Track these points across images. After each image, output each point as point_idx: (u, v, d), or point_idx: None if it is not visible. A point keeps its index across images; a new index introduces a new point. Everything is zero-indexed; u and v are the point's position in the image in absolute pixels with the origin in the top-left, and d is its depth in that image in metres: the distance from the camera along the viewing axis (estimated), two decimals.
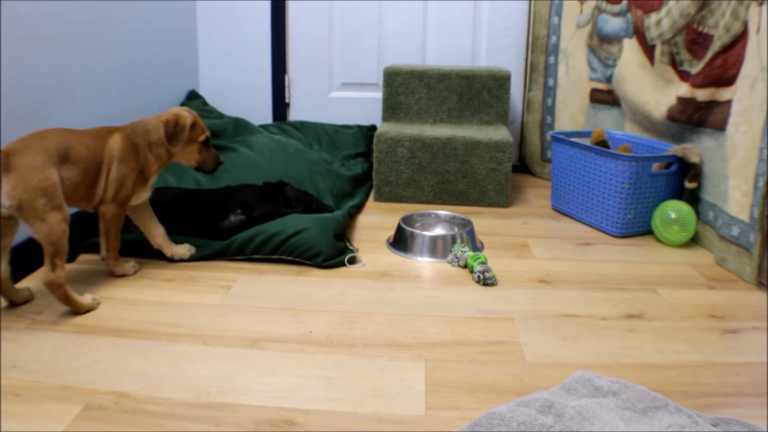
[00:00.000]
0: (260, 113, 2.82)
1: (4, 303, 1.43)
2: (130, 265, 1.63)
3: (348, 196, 2.21)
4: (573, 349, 1.28)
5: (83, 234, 1.72)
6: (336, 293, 1.53)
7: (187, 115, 1.60)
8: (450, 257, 1.74)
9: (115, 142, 1.51)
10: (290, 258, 1.68)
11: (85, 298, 1.41)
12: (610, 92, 2.35)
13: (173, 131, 1.58)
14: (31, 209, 1.30)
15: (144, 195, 1.61)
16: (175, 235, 1.77)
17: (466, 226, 1.90)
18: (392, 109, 2.49)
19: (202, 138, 1.64)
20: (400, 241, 1.84)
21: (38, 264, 1.63)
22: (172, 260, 1.69)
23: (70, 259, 1.68)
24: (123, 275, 1.60)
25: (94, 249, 1.73)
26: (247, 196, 1.85)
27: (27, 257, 1.59)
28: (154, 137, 1.58)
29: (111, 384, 1.12)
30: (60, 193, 1.35)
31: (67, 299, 1.37)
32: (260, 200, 1.84)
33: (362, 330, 1.35)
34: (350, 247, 1.78)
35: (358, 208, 2.18)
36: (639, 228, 1.99)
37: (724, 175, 1.79)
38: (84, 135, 1.47)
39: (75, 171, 1.41)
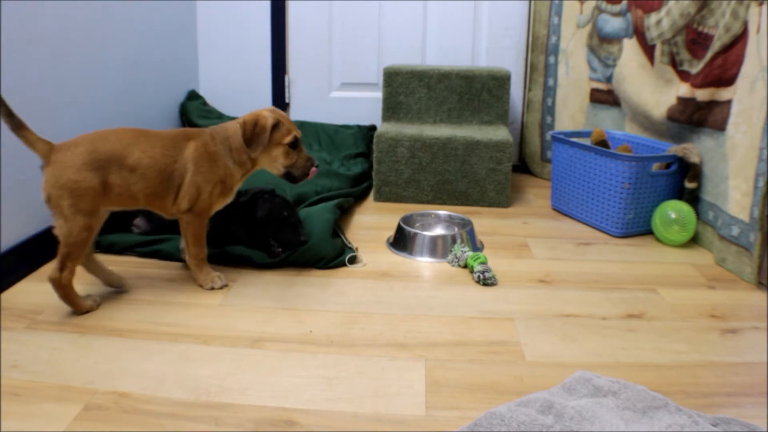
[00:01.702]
0: None
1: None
2: (214, 275, 1.53)
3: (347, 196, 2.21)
4: (573, 349, 1.28)
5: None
6: (336, 293, 1.53)
7: (269, 115, 1.46)
8: (450, 257, 1.74)
9: (190, 151, 1.43)
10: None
11: (86, 300, 1.40)
12: (610, 92, 2.35)
13: (252, 134, 1.44)
14: (57, 206, 1.31)
15: (221, 203, 1.53)
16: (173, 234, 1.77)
17: (466, 226, 1.90)
18: (392, 109, 2.49)
19: (288, 139, 1.48)
20: (400, 241, 1.84)
21: (36, 265, 1.63)
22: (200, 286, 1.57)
23: None
24: (207, 287, 1.52)
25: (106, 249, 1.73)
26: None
27: (23, 258, 1.59)
28: (235, 143, 1.46)
29: (111, 384, 1.12)
30: (93, 198, 1.33)
31: (68, 299, 1.36)
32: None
33: (362, 330, 1.35)
34: (349, 246, 1.78)
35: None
36: (639, 228, 1.99)
37: (724, 175, 1.79)
38: (153, 141, 1.42)
39: (132, 178, 1.38)
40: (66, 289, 1.35)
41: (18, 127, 1.27)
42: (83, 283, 1.56)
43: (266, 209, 1.67)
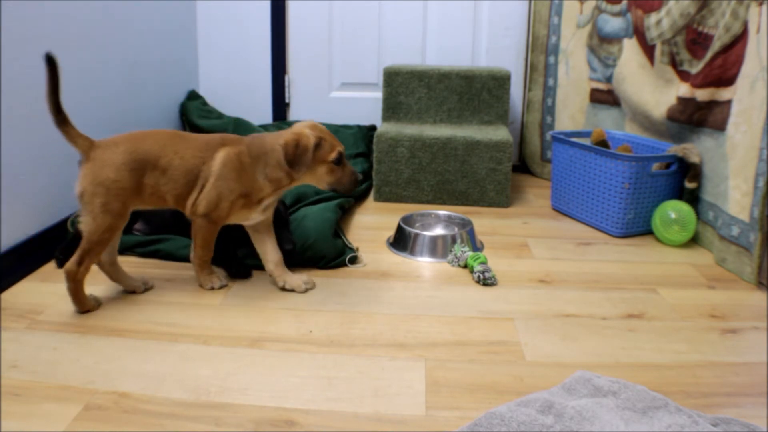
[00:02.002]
0: (260, 113, 2.82)
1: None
2: (214, 276, 1.53)
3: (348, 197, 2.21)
4: (573, 349, 1.28)
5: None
6: (336, 293, 1.53)
7: (310, 133, 1.40)
8: (450, 257, 1.74)
9: (220, 156, 1.41)
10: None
11: (89, 300, 1.41)
12: (610, 92, 2.36)
13: (294, 154, 1.38)
14: (88, 202, 1.32)
15: (254, 217, 1.48)
16: (171, 234, 1.77)
17: (466, 226, 1.90)
18: (392, 109, 2.49)
19: (332, 157, 1.42)
20: (400, 241, 1.84)
21: (36, 265, 1.63)
22: (283, 289, 1.54)
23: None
24: (207, 287, 1.52)
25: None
26: None
27: (23, 258, 1.59)
28: (272, 160, 1.41)
29: (111, 384, 1.12)
30: (125, 199, 1.34)
31: (76, 295, 1.37)
32: None
33: (362, 330, 1.35)
34: (349, 246, 1.78)
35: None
36: (639, 228, 1.99)
37: (724, 175, 1.79)
38: (187, 143, 1.42)
39: (163, 179, 1.38)
40: (77, 284, 1.36)
41: (62, 122, 1.29)
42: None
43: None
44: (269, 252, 1.53)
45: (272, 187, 1.44)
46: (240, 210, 1.45)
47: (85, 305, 1.39)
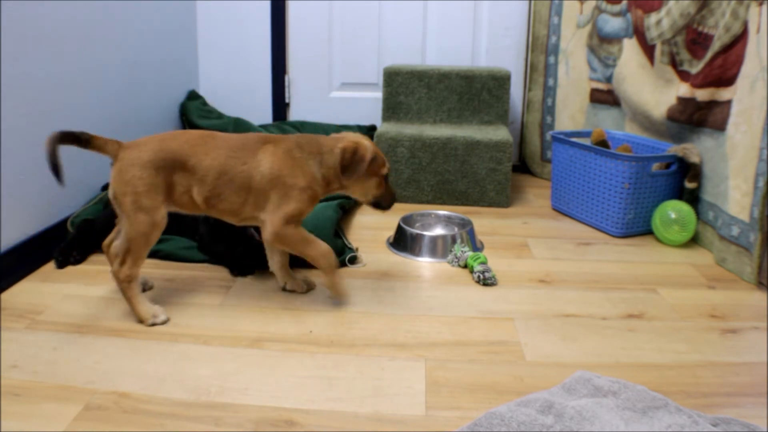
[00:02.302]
0: (260, 113, 2.82)
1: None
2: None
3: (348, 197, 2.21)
4: (573, 349, 1.28)
5: (88, 239, 1.70)
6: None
7: (368, 145, 1.43)
8: (450, 257, 1.74)
9: (267, 155, 1.37)
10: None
11: (147, 309, 1.35)
12: (610, 92, 2.35)
13: (350, 161, 1.39)
14: (121, 203, 1.32)
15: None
16: (172, 235, 1.77)
17: (466, 226, 1.90)
18: (392, 109, 2.49)
19: (383, 171, 1.46)
20: (400, 241, 1.84)
21: (36, 265, 1.63)
22: (284, 290, 1.54)
23: (79, 260, 1.67)
24: (340, 296, 1.46)
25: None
26: None
27: (23, 258, 1.59)
28: (328, 161, 1.41)
29: (111, 384, 1.12)
30: (154, 195, 1.32)
31: (127, 296, 1.36)
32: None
33: (362, 330, 1.35)
34: (349, 246, 1.78)
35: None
36: (639, 228, 1.99)
37: (724, 175, 1.79)
38: (220, 144, 1.37)
39: (192, 180, 1.35)
40: (124, 285, 1.34)
41: (87, 143, 1.29)
42: (84, 282, 1.56)
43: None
44: (277, 253, 1.52)
45: (327, 188, 1.44)
46: (307, 204, 1.40)
47: (137, 312, 1.35)
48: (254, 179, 1.36)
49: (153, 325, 1.35)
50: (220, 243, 1.65)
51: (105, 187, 1.95)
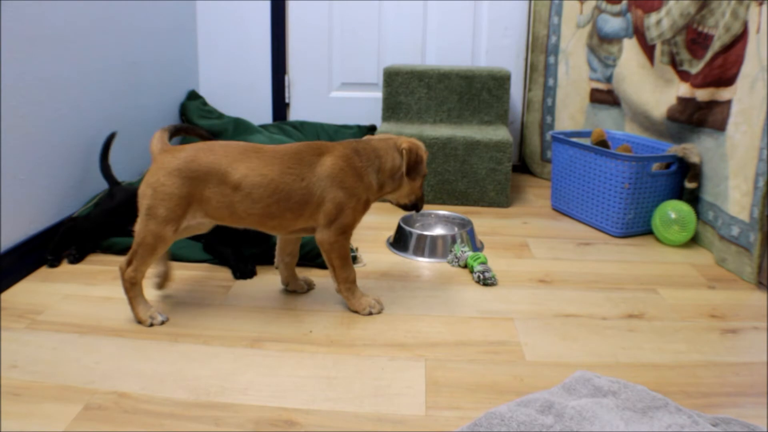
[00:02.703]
0: (260, 113, 2.82)
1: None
2: (371, 299, 1.43)
3: None
4: (573, 349, 1.28)
5: (68, 242, 1.69)
6: (336, 293, 1.52)
7: (421, 144, 1.44)
8: (450, 257, 1.74)
9: (326, 167, 1.32)
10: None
11: (145, 310, 1.34)
12: (610, 92, 2.36)
13: (415, 162, 1.40)
14: (139, 204, 1.31)
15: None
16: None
17: (466, 226, 1.90)
18: (392, 109, 2.49)
19: (425, 173, 1.47)
20: (400, 241, 1.84)
21: (36, 265, 1.63)
22: (285, 290, 1.54)
23: (78, 259, 1.67)
24: (365, 312, 1.41)
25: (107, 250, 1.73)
26: None
27: (23, 258, 1.59)
28: (387, 165, 1.39)
29: (111, 384, 1.12)
30: (173, 206, 1.27)
31: (129, 298, 1.34)
32: None
33: (362, 330, 1.35)
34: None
35: None
36: (639, 228, 1.99)
37: (724, 175, 1.79)
38: (268, 158, 1.31)
39: (236, 197, 1.29)
40: (126, 285, 1.32)
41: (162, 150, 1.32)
42: (84, 282, 1.56)
43: None
44: (287, 253, 1.50)
45: (378, 194, 1.42)
46: (360, 215, 1.39)
47: (135, 312, 1.34)
48: (314, 195, 1.31)
49: (151, 326, 1.34)
50: (228, 246, 1.65)
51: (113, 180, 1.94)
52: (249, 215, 1.31)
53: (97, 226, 1.71)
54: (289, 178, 1.30)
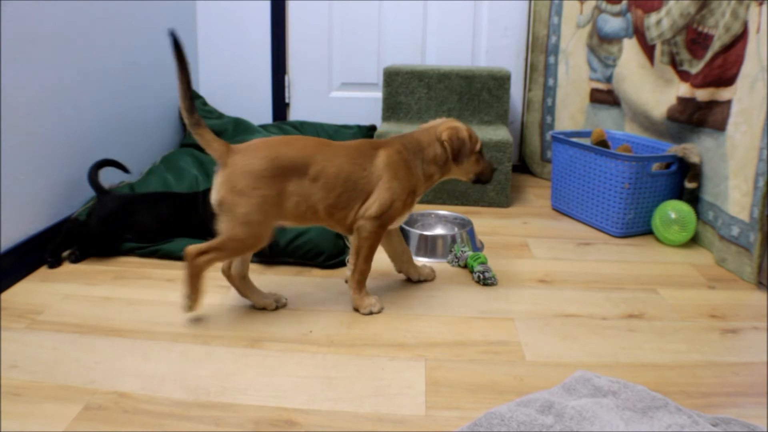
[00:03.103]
0: (260, 113, 2.82)
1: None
2: (373, 299, 1.43)
3: None
4: (573, 349, 1.28)
5: (66, 243, 1.69)
6: (336, 293, 1.53)
7: (461, 125, 1.45)
8: (450, 257, 1.74)
9: (382, 159, 1.37)
10: (291, 259, 1.68)
11: (197, 297, 1.32)
12: (610, 92, 2.36)
13: (458, 147, 1.43)
14: (228, 211, 1.25)
15: (404, 218, 1.47)
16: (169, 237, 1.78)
17: (466, 226, 1.90)
18: (392, 109, 2.49)
19: (478, 147, 1.49)
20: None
21: (36, 264, 1.63)
22: (418, 280, 1.58)
23: (79, 258, 1.67)
24: (365, 311, 1.41)
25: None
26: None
27: (23, 258, 1.59)
28: (429, 155, 1.43)
29: (111, 384, 1.12)
30: (268, 209, 1.26)
31: (187, 281, 1.30)
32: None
33: (362, 330, 1.35)
34: (350, 246, 1.77)
35: None
36: (639, 228, 1.99)
37: (724, 175, 1.79)
38: (337, 151, 1.35)
39: (313, 188, 1.31)
40: (193, 270, 1.28)
41: (196, 124, 1.24)
42: (83, 282, 1.56)
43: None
44: (400, 251, 1.55)
45: (427, 184, 1.47)
46: (406, 209, 1.42)
47: (190, 299, 1.31)
48: (373, 185, 1.36)
49: (184, 309, 1.32)
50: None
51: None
52: (323, 206, 1.33)
53: (95, 235, 1.69)
54: (355, 167, 1.35)
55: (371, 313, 1.42)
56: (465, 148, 1.44)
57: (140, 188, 2.00)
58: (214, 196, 1.27)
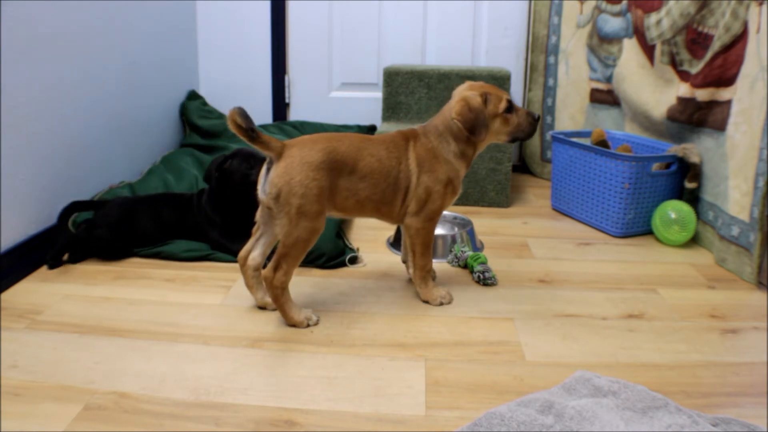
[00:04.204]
0: (260, 113, 2.82)
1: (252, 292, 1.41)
2: (442, 291, 1.45)
3: None
4: (573, 349, 1.28)
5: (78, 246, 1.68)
6: (336, 293, 1.53)
7: (472, 94, 1.37)
8: (450, 257, 1.74)
9: (412, 151, 1.37)
10: None
11: (300, 313, 1.35)
12: (610, 92, 2.36)
13: (472, 120, 1.35)
14: (286, 203, 1.25)
15: (450, 203, 1.46)
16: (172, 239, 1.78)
17: (466, 226, 1.90)
18: (392, 109, 2.49)
19: (502, 107, 1.39)
20: (400, 241, 1.83)
21: (36, 265, 1.63)
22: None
23: (79, 258, 1.67)
24: (435, 303, 1.44)
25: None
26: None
27: (23, 258, 1.59)
28: (450, 136, 1.39)
29: (111, 384, 1.12)
30: (323, 200, 1.27)
31: (279, 303, 1.32)
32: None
33: (362, 330, 1.35)
34: (350, 246, 1.78)
35: None
36: (639, 228, 1.99)
37: (724, 175, 1.79)
38: (377, 145, 1.36)
39: (361, 184, 1.33)
40: (278, 291, 1.30)
41: (255, 139, 1.22)
42: (83, 282, 1.56)
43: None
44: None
45: (464, 163, 1.42)
46: (449, 198, 1.41)
47: (290, 319, 1.33)
48: (409, 179, 1.37)
49: (308, 326, 1.34)
50: (238, 243, 1.65)
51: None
52: (371, 202, 1.35)
53: (109, 242, 1.68)
54: (393, 161, 1.36)
55: (441, 304, 1.45)
56: (481, 117, 1.35)
57: (140, 188, 2.00)
58: (271, 189, 1.26)
